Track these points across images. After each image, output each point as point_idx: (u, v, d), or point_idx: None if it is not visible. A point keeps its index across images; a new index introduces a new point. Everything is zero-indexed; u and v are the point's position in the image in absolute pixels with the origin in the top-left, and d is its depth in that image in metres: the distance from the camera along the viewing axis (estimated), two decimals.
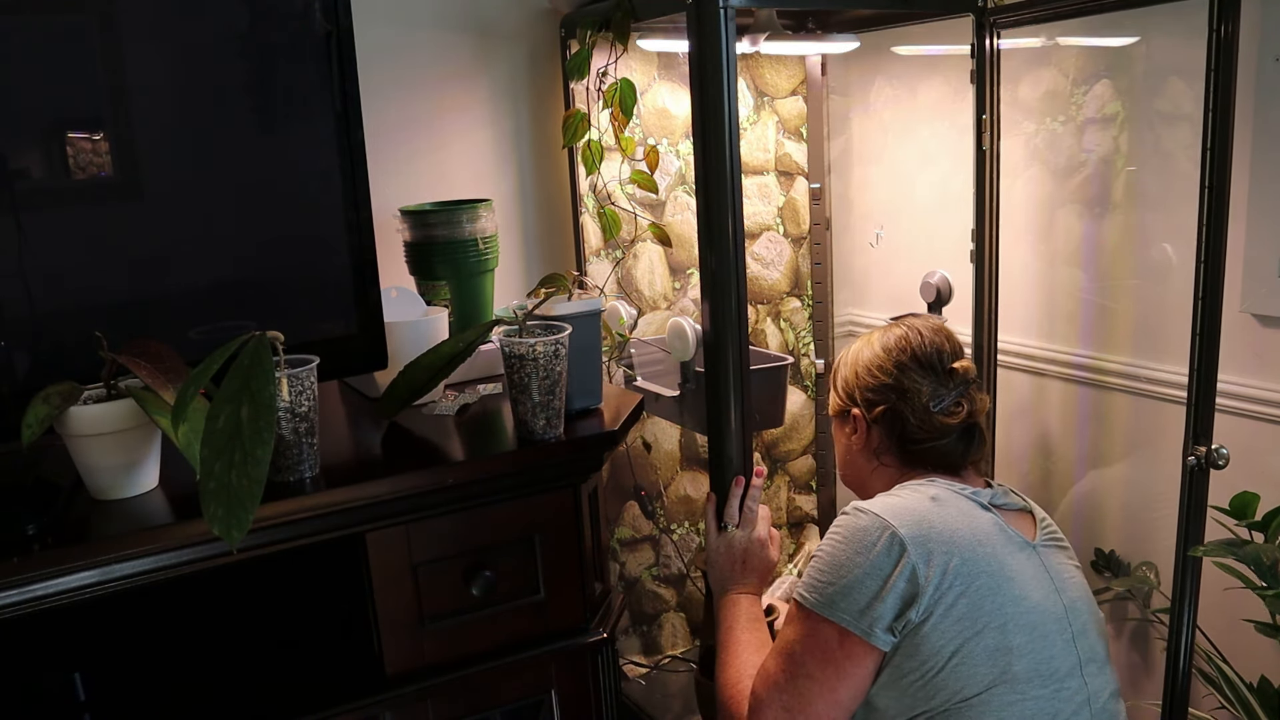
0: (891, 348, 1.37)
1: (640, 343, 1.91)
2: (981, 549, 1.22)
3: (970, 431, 1.35)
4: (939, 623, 1.18)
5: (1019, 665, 1.19)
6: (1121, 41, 1.73)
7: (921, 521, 1.22)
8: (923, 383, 1.34)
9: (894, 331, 1.39)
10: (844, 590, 1.20)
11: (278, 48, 1.34)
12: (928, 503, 1.25)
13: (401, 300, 1.57)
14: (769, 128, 2.14)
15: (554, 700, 1.42)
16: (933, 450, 1.34)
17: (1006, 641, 1.19)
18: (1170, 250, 1.70)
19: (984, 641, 1.18)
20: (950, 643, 1.18)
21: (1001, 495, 1.33)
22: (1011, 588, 1.21)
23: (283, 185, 1.37)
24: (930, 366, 1.35)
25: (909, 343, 1.36)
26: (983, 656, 1.18)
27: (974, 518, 1.25)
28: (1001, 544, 1.24)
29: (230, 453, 1.02)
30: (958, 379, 1.35)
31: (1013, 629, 1.19)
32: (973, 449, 1.35)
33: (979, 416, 1.36)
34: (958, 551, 1.20)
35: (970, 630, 1.18)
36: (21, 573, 1.05)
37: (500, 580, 1.35)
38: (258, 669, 1.36)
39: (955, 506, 1.26)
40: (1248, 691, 1.58)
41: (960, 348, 1.39)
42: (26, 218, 1.21)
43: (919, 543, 1.19)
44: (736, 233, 1.40)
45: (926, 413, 1.33)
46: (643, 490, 2.08)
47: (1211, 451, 1.44)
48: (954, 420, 1.33)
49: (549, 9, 1.87)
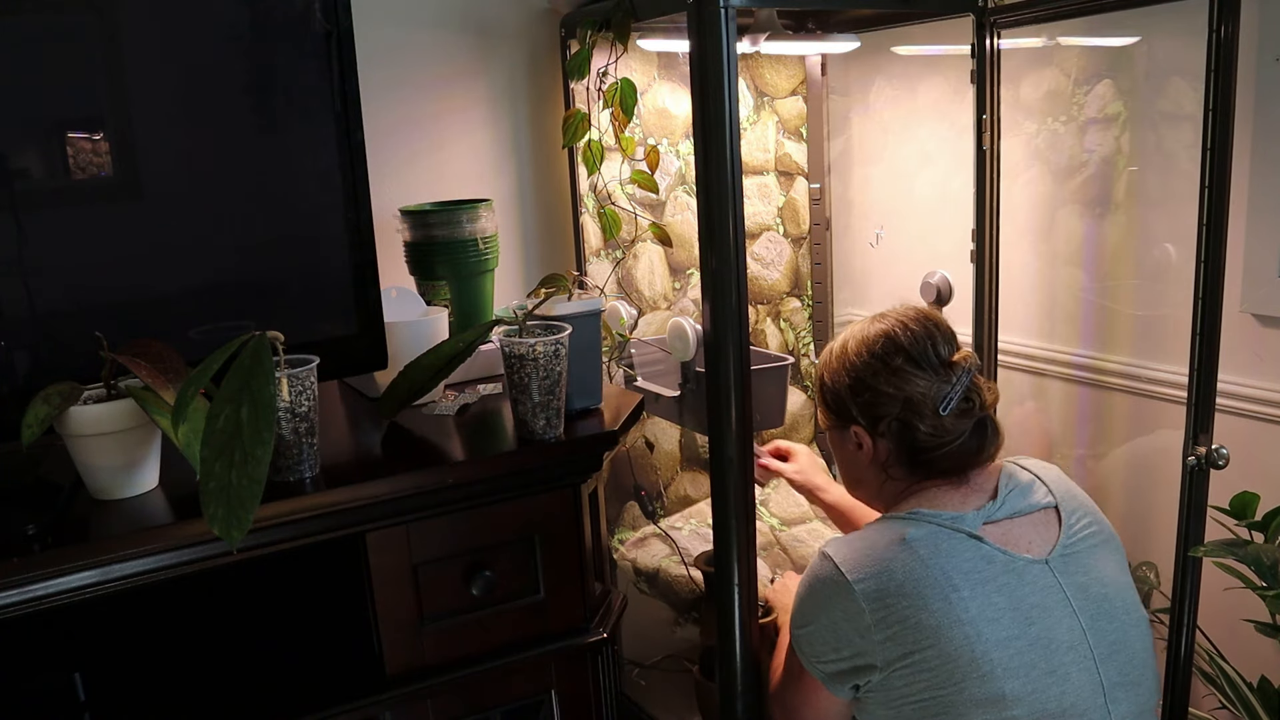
0: (879, 352, 1.23)
1: (640, 343, 1.91)
2: (955, 595, 1.12)
3: (983, 426, 1.22)
4: (909, 678, 1.13)
5: (1018, 711, 1.10)
6: (1122, 41, 1.73)
7: (883, 572, 1.13)
8: (924, 384, 1.20)
9: (875, 329, 1.25)
10: (806, 638, 1.22)
11: (278, 48, 1.34)
12: (897, 547, 1.15)
13: (401, 300, 1.57)
14: (769, 128, 2.14)
15: (554, 700, 1.42)
16: (943, 457, 1.22)
17: (996, 690, 1.10)
18: (1171, 250, 1.70)
19: (967, 693, 1.10)
20: (924, 693, 1.12)
21: (1015, 498, 1.22)
22: (995, 631, 1.11)
23: (283, 185, 1.37)
24: (926, 363, 1.21)
25: (897, 341, 1.22)
26: (969, 708, 1.11)
27: (952, 557, 1.14)
28: (985, 580, 1.14)
29: (230, 453, 1.02)
30: (960, 370, 1.21)
31: (1001, 675, 1.10)
32: (986, 446, 1.23)
33: (991, 409, 1.23)
34: (923, 601, 1.11)
35: (947, 681, 1.11)
36: (21, 573, 1.05)
37: (500, 580, 1.35)
38: (258, 669, 1.36)
39: (931, 547, 1.15)
40: (1248, 691, 1.58)
41: (952, 333, 1.26)
42: (26, 218, 1.21)
43: (875, 598, 1.12)
44: (736, 233, 1.39)
45: (937, 418, 1.20)
46: (643, 490, 2.08)
47: (1211, 451, 1.44)
48: (967, 419, 1.21)
49: (549, 9, 1.87)
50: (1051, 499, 1.25)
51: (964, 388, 1.21)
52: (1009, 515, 1.21)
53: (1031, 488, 1.25)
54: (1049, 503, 1.24)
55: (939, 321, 1.25)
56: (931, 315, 1.26)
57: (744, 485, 1.46)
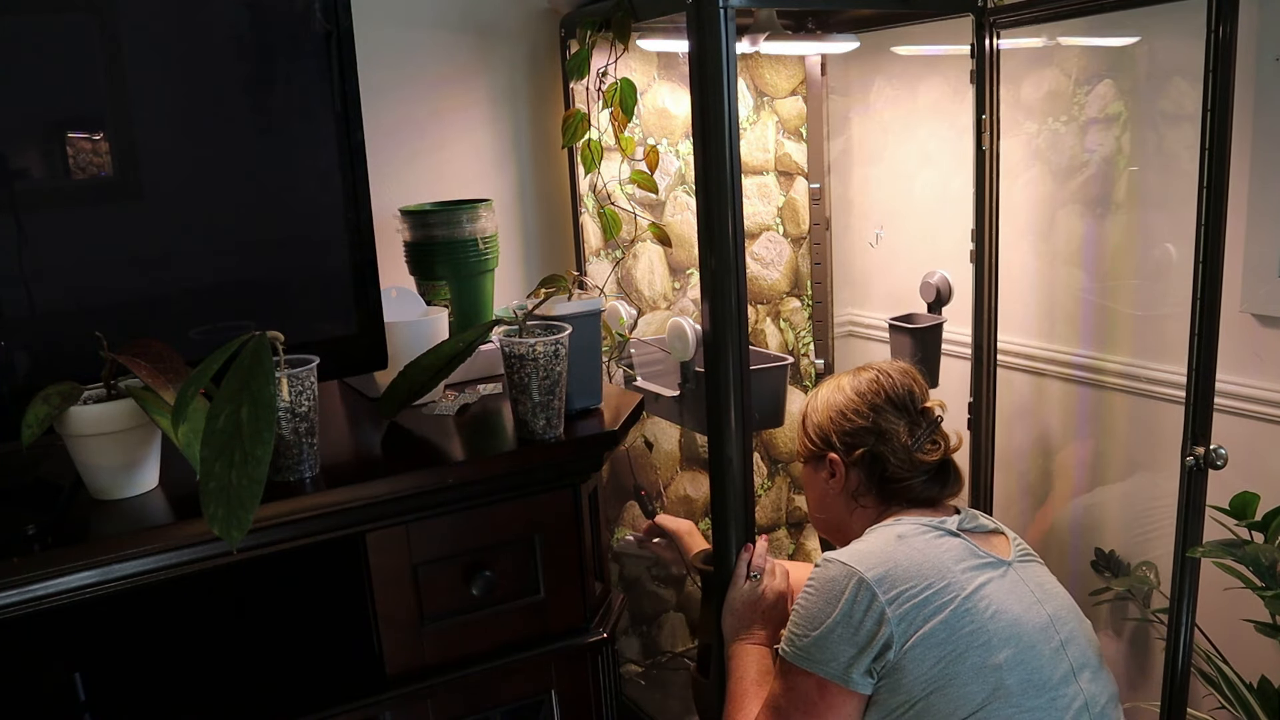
0: (865, 391, 1.41)
1: (640, 343, 1.91)
2: (950, 574, 1.25)
3: (945, 467, 1.40)
4: (919, 655, 1.21)
5: (1010, 679, 1.21)
6: (1122, 41, 1.73)
7: (887, 561, 1.25)
8: (899, 423, 1.38)
9: (864, 375, 1.44)
10: (818, 641, 1.24)
11: (278, 48, 1.34)
12: (894, 542, 1.29)
13: (401, 300, 1.57)
14: (769, 128, 2.14)
15: (554, 700, 1.42)
16: (910, 488, 1.38)
17: (992, 658, 1.21)
18: (1171, 250, 1.70)
19: (969, 662, 1.21)
20: (932, 669, 1.20)
21: (970, 520, 1.37)
22: (987, 606, 1.24)
23: (283, 185, 1.37)
24: (904, 407, 1.40)
25: (881, 385, 1.41)
26: (971, 676, 1.20)
27: (940, 546, 1.29)
28: (972, 566, 1.28)
29: (230, 453, 1.02)
30: (930, 418, 1.40)
31: (997, 644, 1.22)
32: (948, 485, 1.40)
33: (952, 453, 1.41)
34: (926, 582, 1.23)
35: (952, 653, 1.21)
36: (21, 573, 1.05)
37: (500, 580, 1.35)
38: (258, 669, 1.36)
39: (921, 539, 1.30)
40: (1247, 691, 1.58)
41: (927, 389, 1.44)
42: (26, 218, 1.21)
43: (886, 583, 1.23)
44: (736, 233, 1.40)
45: (906, 451, 1.37)
46: (643, 490, 2.08)
47: (1210, 452, 1.44)
48: (932, 457, 1.38)
49: (549, 9, 1.87)
50: (998, 527, 1.41)
51: (932, 431, 1.40)
52: (972, 529, 1.36)
53: (979, 518, 1.40)
54: (997, 529, 1.41)
55: (917, 377, 1.45)
56: (912, 372, 1.45)
57: (744, 485, 1.47)
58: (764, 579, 1.45)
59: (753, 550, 1.47)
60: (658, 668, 2.16)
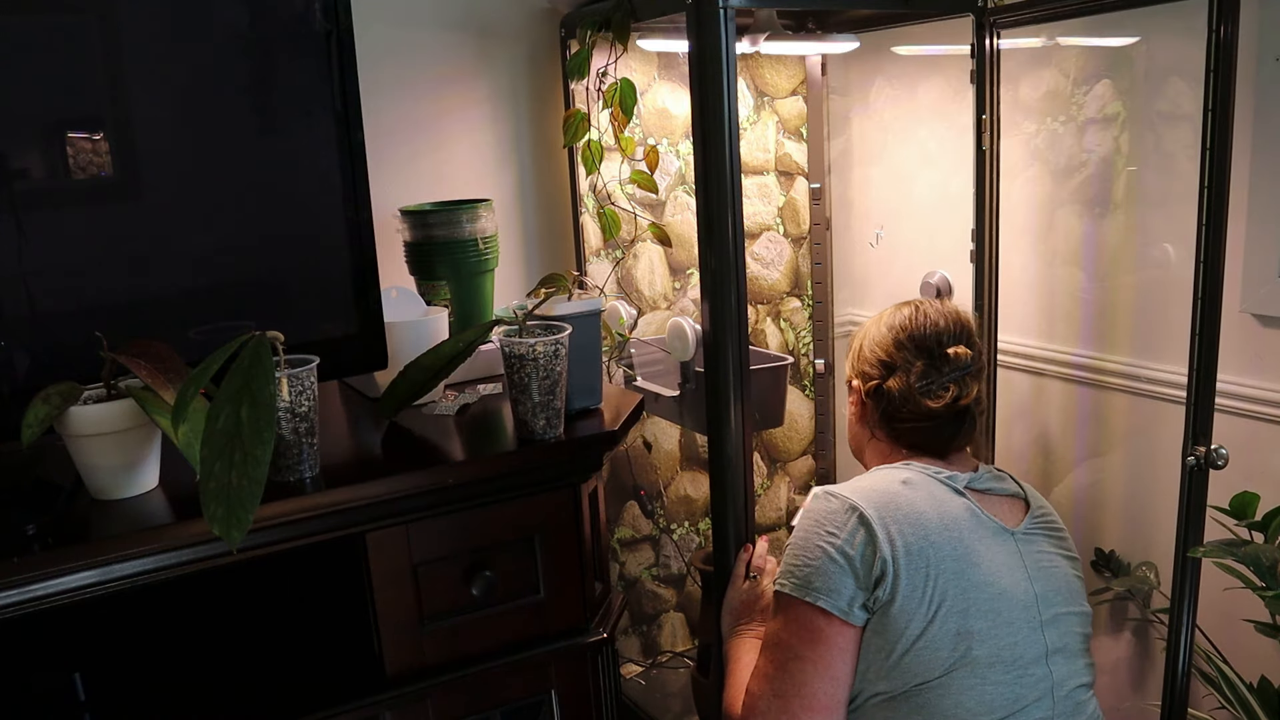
0: (895, 326, 1.39)
1: (640, 343, 1.91)
2: (947, 533, 1.24)
3: (960, 417, 1.35)
4: (904, 603, 1.20)
5: (980, 650, 1.21)
6: (1122, 41, 1.73)
7: (888, 502, 1.24)
8: (914, 363, 1.35)
9: (903, 310, 1.41)
10: (817, 570, 1.23)
11: (278, 47, 1.34)
12: (898, 485, 1.27)
13: (401, 300, 1.58)
14: (769, 128, 2.14)
15: (554, 700, 1.42)
16: (916, 431, 1.35)
17: (968, 625, 1.21)
18: (1171, 250, 1.70)
19: (946, 625, 1.20)
20: (914, 623, 1.20)
21: (989, 479, 1.34)
22: (975, 573, 1.23)
23: (283, 185, 1.37)
24: (926, 349, 1.35)
25: (911, 322, 1.38)
26: (944, 640, 1.20)
27: (944, 502, 1.27)
28: (970, 529, 1.26)
29: (230, 453, 1.02)
30: (951, 364, 1.35)
31: (975, 613, 1.21)
32: (960, 435, 1.35)
33: (968, 402, 1.35)
34: (922, 533, 1.22)
35: (932, 611, 1.20)
36: (21, 573, 1.05)
37: (500, 580, 1.35)
38: (258, 669, 1.36)
39: (926, 490, 1.27)
40: (1247, 691, 1.58)
41: (968, 333, 1.38)
42: (26, 218, 1.21)
43: (883, 522, 1.22)
44: (736, 233, 1.40)
45: (910, 392, 1.34)
46: (643, 490, 2.08)
47: (1211, 451, 1.44)
48: (937, 404, 1.33)
49: (549, 9, 1.87)
50: (1021, 492, 1.38)
51: (950, 378, 1.34)
52: (985, 489, 1.33)
53: (1003, 479, 1.37)
54: (1018, 493, 1.38)
55: (959, 320, 1.39)
56: (956, 315, 1.39)
57: (744, 485, 1.47)
58: (763, 579, 1.45)
59: (752, 550, 1.47)
60: (658, 668, 2.16)
